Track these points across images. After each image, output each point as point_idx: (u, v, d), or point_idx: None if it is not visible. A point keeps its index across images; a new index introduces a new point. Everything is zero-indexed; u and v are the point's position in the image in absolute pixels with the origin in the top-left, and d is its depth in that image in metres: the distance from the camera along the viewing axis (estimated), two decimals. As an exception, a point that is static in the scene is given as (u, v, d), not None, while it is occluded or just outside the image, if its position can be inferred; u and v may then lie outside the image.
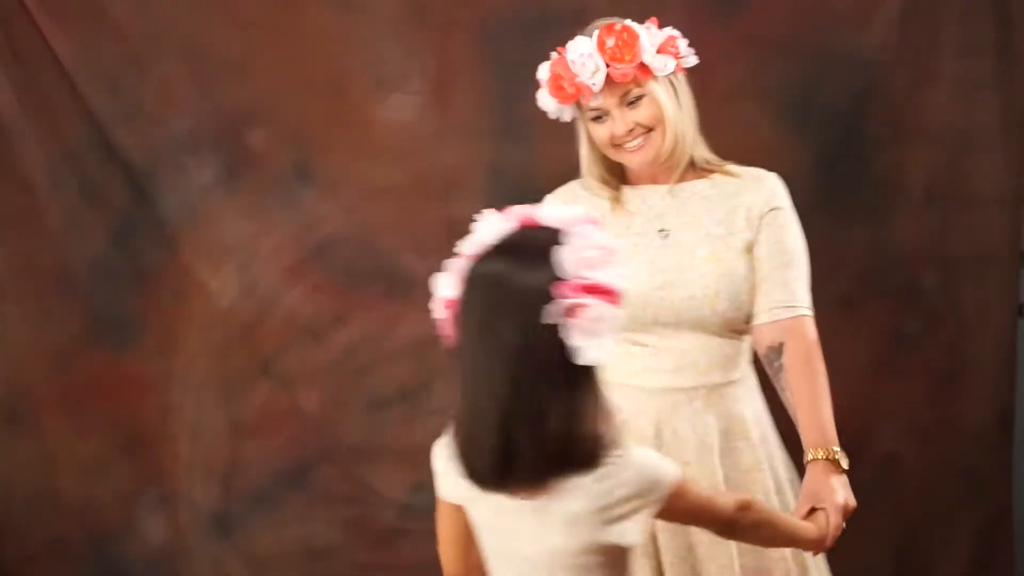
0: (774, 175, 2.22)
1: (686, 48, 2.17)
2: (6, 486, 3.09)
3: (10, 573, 3.09)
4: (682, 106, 2.18)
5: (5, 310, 3.05)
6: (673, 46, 2.14)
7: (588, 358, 1.49)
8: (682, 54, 2.16)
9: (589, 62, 2.09)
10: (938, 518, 3.20)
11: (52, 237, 3.02)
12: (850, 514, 1.94)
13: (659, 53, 2.13)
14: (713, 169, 2.22)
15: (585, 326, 1.48)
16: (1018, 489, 3.23)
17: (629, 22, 2.11)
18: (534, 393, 1.49)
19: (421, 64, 3.02)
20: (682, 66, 2.17)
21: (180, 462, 3.11)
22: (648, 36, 2.12)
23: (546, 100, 2.16)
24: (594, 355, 1.50)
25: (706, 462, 2.15)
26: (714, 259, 2.16)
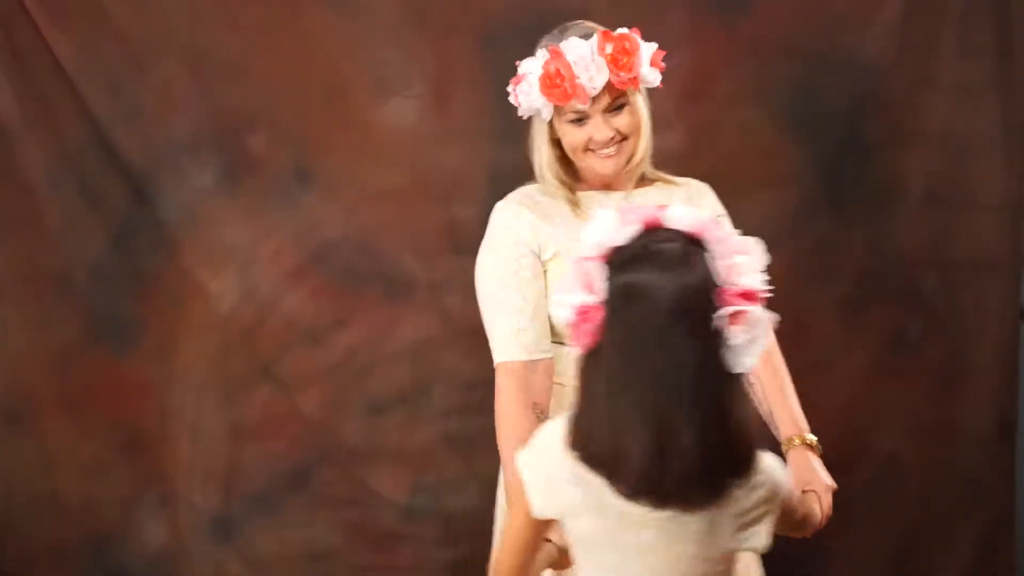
0: (708, 184, 2.30)
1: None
2: (6, 488, 3.09)
3: (10, 575, 3.09)
4: (648, 118, 2.21)
5: (5, 312, 3.05)
6: (661, 60, 2.16)
7: (746, 364, 1.50)
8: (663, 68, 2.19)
9: (592, 65, 2.09)
10: (939, 522, 3.20)
11: (52, 239, 3.02)
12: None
13: (651, 65, 2.15)
14: (655, 178, 2.27)
15: (746, 332, 1.49)
16: (1020, 493, 3.22)
17: (626, 30, 2.12)
18: (700, 400, 1.48)
19: (421, 67, 3.02)
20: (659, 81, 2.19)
21: (180, 464, 3.11)
22: (646, 48, 2.14)
23: (532, 96, 2.12)
24: (752, 360, 1.50)
25: None
26: None
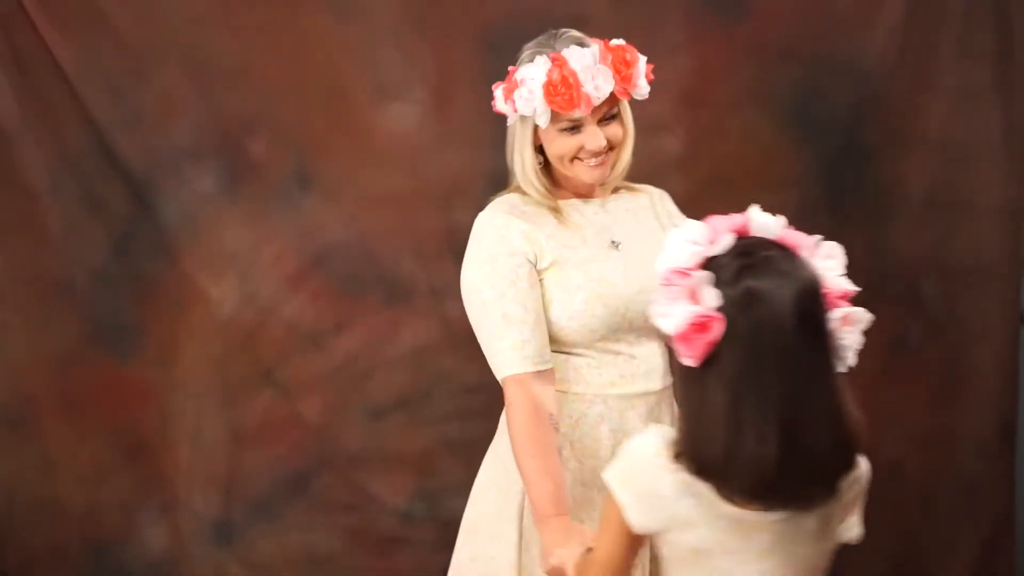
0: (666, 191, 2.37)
1: None
2: (7, 493, 3.09)
3: (11, 580, 3.10)
4: (632, 129, 2.24)
5: (6, 317, 3.05)
6: (651, 73, 2.19)
7: (849, 361, 1.58)
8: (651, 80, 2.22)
9: (599, 74, 2.11)
10: (940, 527, 3.20)
11: (53, 244, 3.02)
12: None
13: (644, 77, 2.18)
14: (620, 186, 2.30)
15: (852, 331, 1.58)
16: (1020, 498, 3.23)
17: (622, 41, 2.16)
18: (820, 400, 1.54)
19: (422, 72, 3.03)
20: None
21: (181, 469, 3.11)
22: (642, 59, 2.17)
23: (534, 103, 2.12)
24: (853, 358, 1.59)
25: None
26: None
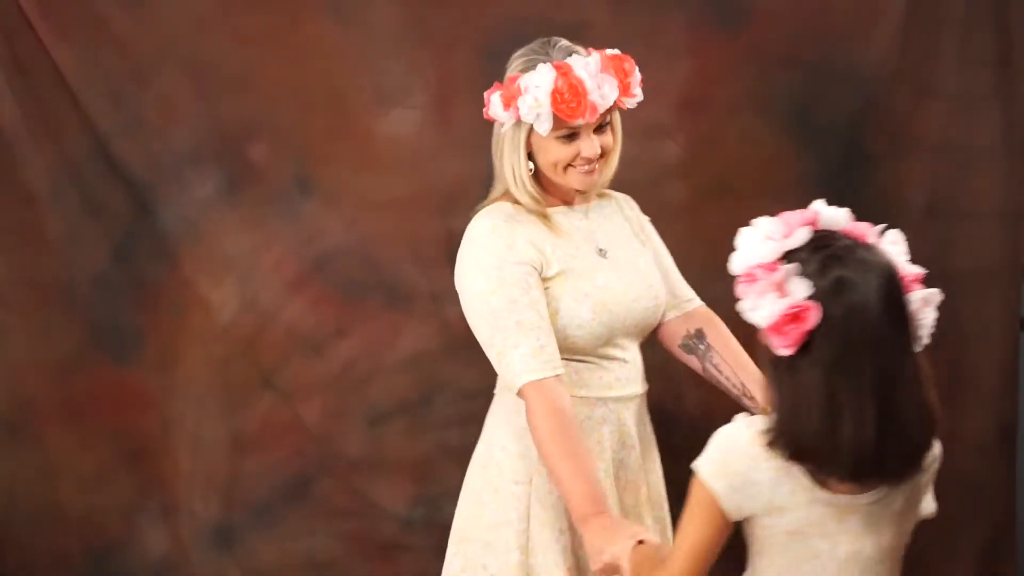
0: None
1: None
2: (7, 498, 3.09)
3: (11, 585, 3.10)
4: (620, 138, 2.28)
5: (7, 321, 3.05)
6: (641, 82, 2.22)
7: (924, 340, 1.68)
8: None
9: (604, 83, 2.13)
10: (940, 530, 3.16)
11: (53, 249, 3.02)
12: None
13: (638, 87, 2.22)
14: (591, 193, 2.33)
15: (929, 313, 1.69)
16: (1021, 501, 3.23)
17: (617, 51, 2.19)
18: (910, 378, 1.65)
19: (422, 78, 3.03)
20: None
21: (181, 475, 3.11)
22: (636, 69, 2.20)
23: (540, 110, 2.13)
24: (928, 336, 1.69)
25: (650, 458, 2.34)
26: (650, 270, 2.31)
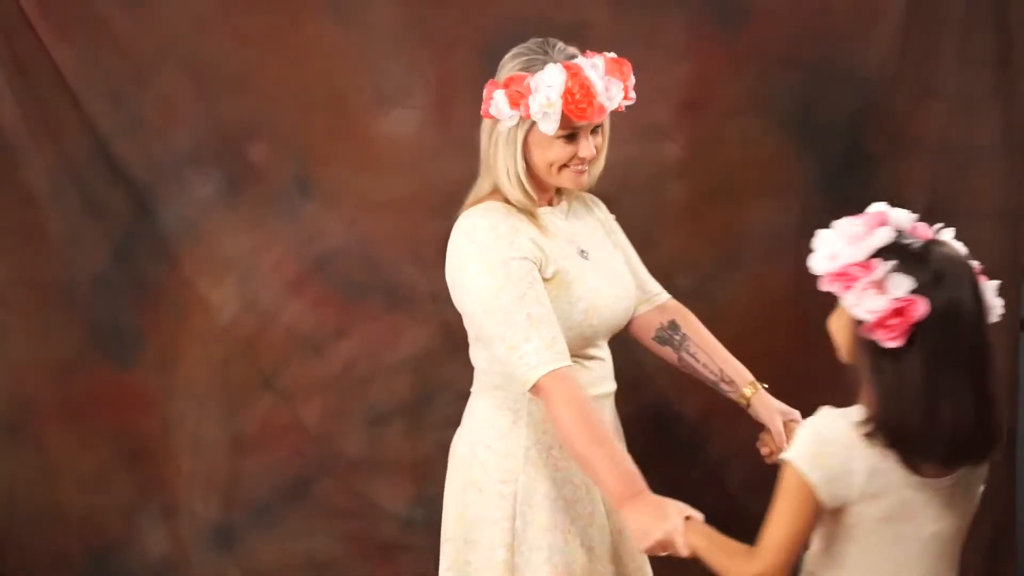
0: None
1: None
2: (7, 499, 3.09)
3: (11, 585, 3.10)
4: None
5: (7, 322, 3.05)
6: (635, 87, 2.24)
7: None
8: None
9: (611, 85, 2.15)
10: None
11: (54, 250, 3.02)
12: None
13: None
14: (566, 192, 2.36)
15: (999, 302, 1.83)
16: (1021, 503, 3.23)
17: (614, 55, 2.20)
18: (992, 363, 1.81)
19: (422, 79, 3.03)
20: None
21: (181, 475, 3.11)
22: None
23: (551, 110, 2.12)
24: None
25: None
26: (623, 270, 2.35)
